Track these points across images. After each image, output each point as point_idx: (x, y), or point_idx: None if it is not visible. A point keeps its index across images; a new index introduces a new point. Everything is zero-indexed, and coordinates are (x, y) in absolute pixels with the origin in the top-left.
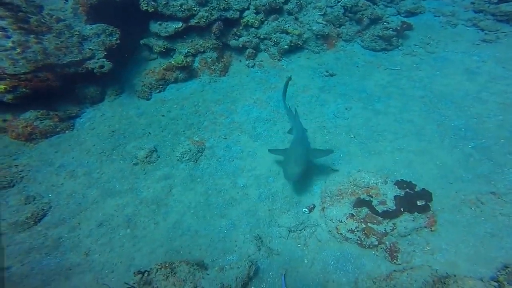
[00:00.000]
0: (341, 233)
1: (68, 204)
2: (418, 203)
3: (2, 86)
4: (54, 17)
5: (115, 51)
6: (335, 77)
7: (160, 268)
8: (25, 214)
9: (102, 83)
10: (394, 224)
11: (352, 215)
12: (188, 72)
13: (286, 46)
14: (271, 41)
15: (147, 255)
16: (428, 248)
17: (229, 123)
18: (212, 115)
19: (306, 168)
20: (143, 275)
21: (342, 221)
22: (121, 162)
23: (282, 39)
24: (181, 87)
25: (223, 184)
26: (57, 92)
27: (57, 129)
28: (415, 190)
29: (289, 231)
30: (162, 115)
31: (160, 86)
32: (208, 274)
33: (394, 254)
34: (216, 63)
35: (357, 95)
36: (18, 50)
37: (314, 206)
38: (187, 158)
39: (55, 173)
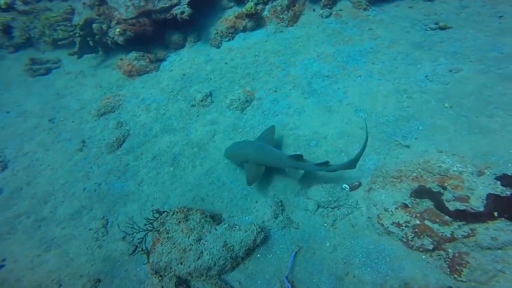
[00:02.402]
0: (382, 224)
1: (138, 134)
2: None
3: (118, 30)
4: None
5: None
6: (448, 31)
7: (177, 212)
8: (113, 137)
9: (185, 30)
10: (472, 230)
11: (406, 205)
12: (256, 20)
13: None
14: None
15: (178, 196)
16: None
17: (284, 75)
18: (269, 66)
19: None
20: (161, 215)
21: (389, 210)
22: (182, 102)
23: None
24: (248, 36)
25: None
26: (151, 38)
27: (147, 69)
28: None
29: (318, 205)
30: (226, 63)
31: (230, 35)
32: (216, 229)
33: (457, 268)
34: (286, 12)
35: (478, 55)
36: None
37: (360, 184)
38: (234, 106)
39: (137, 105)
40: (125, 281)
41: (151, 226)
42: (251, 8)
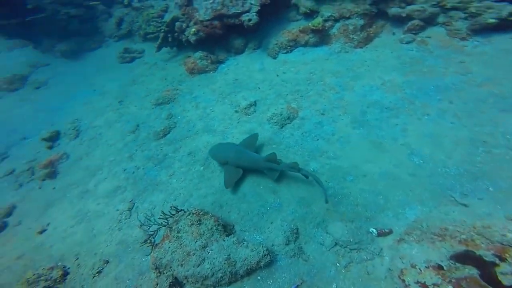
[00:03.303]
0: (403, 280)
1: (183, 128)
2: None
3: (193, 29)
4: None
5: (266, 8)
6: None
7: (193, 214)
8: (161, 127)
9: (247, 37)
10: None
11: (440, 267)
12: (321, 37)
13: (492, 20)
14: (465, 12)
15: (200, 197)
16: None
17: (336, 99)
18: (322, 86)
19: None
20: (177, 212)
21: (417, 267)
22: (228, 106)
23: (489, 10)
24: (307, 52)
25: (293, 160)
26: (218, 40)
27: (207, 69)
28: None
29: (335, 243)
30: (277, 75)
31: (289, 47)
32: (224, 240)
33: None
34: (358, 32)
35: None
36: (212, 0)
37: (391, 232)
38: (275, 121)
39: (189, 101)
40: (128, 269)
41: (166, 221)
42: (319, 23)
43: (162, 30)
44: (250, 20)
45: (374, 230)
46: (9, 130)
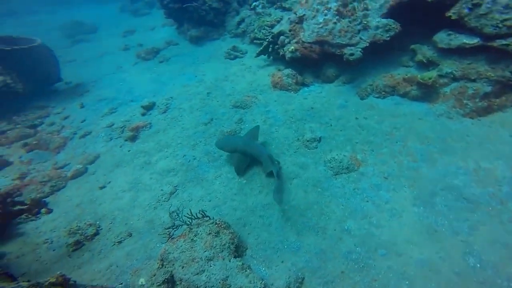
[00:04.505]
0: None
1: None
2: None
3: (292, 47)
4: (362, 5)
5: (378, 46)
6: None
7: (215, 224)
8: (229, 129)
9: (341, 69)
10: None
11: None
12: (426, 92)
13: None
14: None
15: (231, 208)
16: None
17: (409, 168)
18: (400, 148)
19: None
20: (203, 217)
21: None
22: (293, 132)
23: None
24: (402, 104)
25: (332, 211)
26: (310, 64)
27: (289, 87)
28: None
29: None
30: (356, 118)
31: (383, 93)
32: (229, 261)
33: None
34: (477, 99)
35: None
36: (321, 25)
37: None
38: (331, 166)
39: (260, 113)
40: (141, 249)
41: (190, 221)
42: (431, 78)
43: (267, 39)
44: (352, 55)
45: None
46: (126, 91)
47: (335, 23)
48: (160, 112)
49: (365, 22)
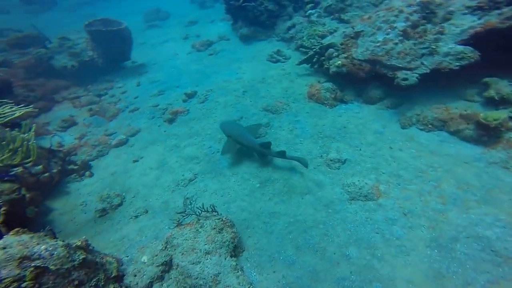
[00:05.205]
0: None
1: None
2: None
3: (339, 62)
4: (438, 28)
5: (439, 73)
6: None
7: (221, 220)
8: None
9: (389, 92)
10: None
11: None
12: (483, 135)
13: None
14: None
15: (240, 207)
16: None
17: (435, 210)
18: (430, 187)
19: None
20: (212, 212)
21: None
22: (317, 148)
23: None
24: (448, 142)
25: (337, 234)
26: (355, 82)
27: (325, 102)
28: None
29: None
30: (390, 147)
31: (430, 126)
32: (225, 259)
33: None
34: None
35: None
36: (379, 44)
37: None
38: (349, 190)
39: (288, 122)
40: (152, 228)
41: (199, 212)
42: (497, 120)
43: (314, 49)
44: (405, 80)
45: None
46: (176, 77)
47: (396, 43)
48: (198, 102)
49: (433, 47)
